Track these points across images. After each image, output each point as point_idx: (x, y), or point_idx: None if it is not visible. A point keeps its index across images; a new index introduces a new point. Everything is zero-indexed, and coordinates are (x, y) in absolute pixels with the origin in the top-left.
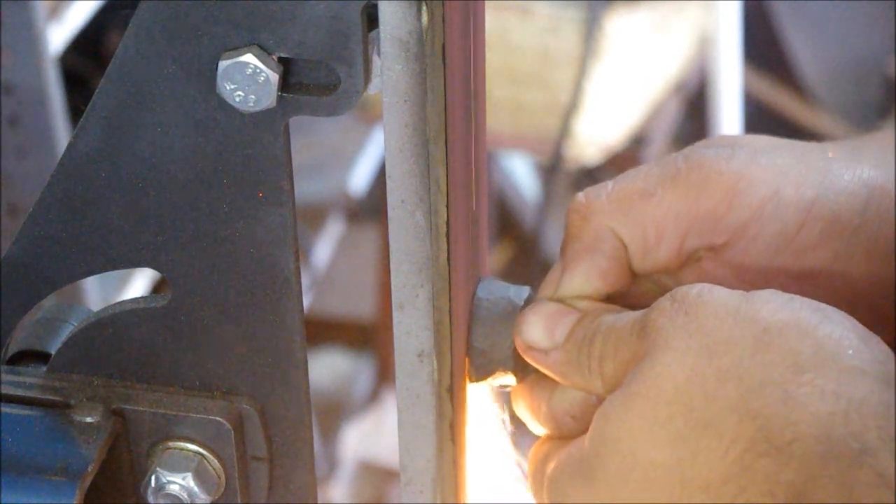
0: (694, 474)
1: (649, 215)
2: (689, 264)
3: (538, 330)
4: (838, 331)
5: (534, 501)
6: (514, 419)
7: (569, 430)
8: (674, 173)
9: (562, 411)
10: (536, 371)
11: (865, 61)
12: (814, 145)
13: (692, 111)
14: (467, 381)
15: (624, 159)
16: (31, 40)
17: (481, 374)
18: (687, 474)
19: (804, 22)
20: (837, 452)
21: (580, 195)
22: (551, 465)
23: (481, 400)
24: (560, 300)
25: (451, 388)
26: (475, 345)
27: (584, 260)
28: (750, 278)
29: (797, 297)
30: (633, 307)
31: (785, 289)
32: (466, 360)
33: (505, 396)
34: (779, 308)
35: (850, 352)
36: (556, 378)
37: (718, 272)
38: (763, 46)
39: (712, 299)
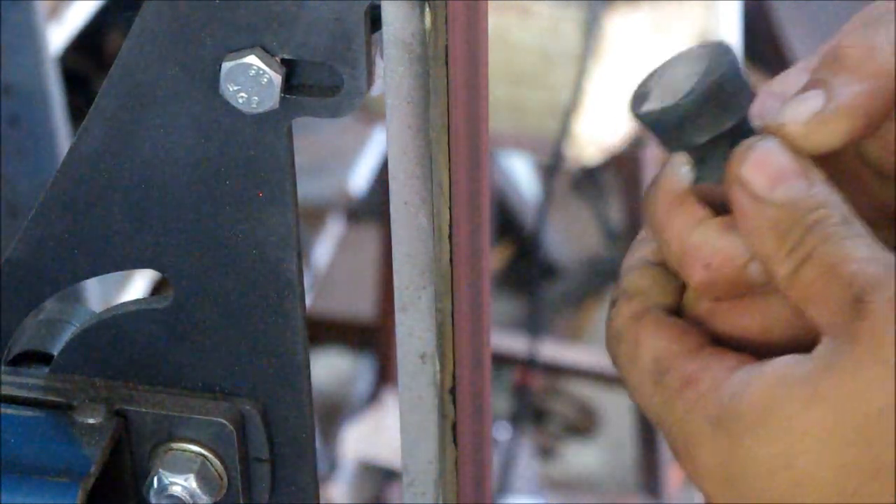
0: None
1: None
2: None
3: (761, 176)
4: None
5: None
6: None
7: (693, 275)
8: None
9: (711, 252)
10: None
11: None
12: None
13: None
14: (483, 380)
15: (624, 159)
16: (31, 40)
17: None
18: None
19: (804, 22)
20: None
21: (850, 36)
22: (678, 379)
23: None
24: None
25: (453, 389)
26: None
27: (868, 93)
28: None
29: None
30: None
31: None
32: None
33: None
34: None
35: None
36: (743, 227)
37: None
38: (763, 46)
39: None
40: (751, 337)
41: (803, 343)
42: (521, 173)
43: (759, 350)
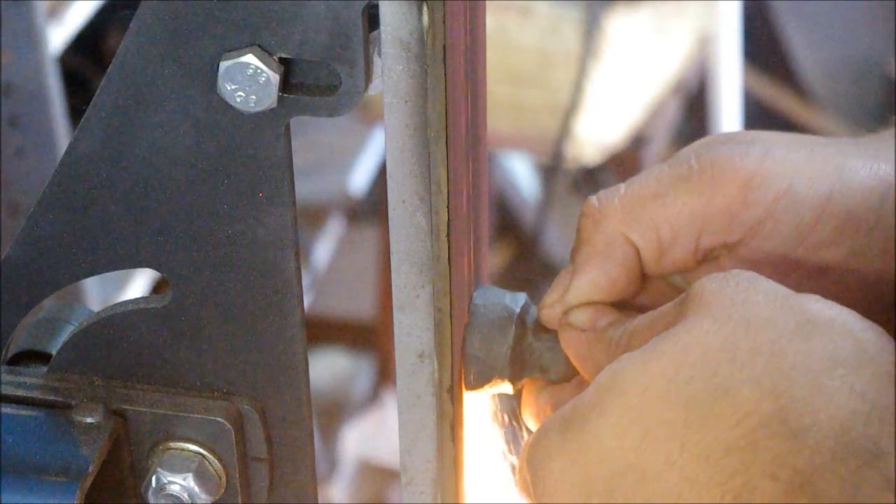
0: (698, 440)
1: (662, 217)
2: (706, 263)
3: (586, 314)
4: (882, 341)
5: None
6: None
7: None
8: (687, 173)
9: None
10: (533, 379)
11: (865, 61)
12: (829, 140)
13: (692, 111)
14: (463, 388)
15: (624, 159)
16: (31, 40)
17: (478, 381)
18: (690, 438)
19: (804, 22)
20: (851, 451)
21: (593, 199)
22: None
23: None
24: (568, 305)
25: (451, 388)
26: (471, 352)
27: (595, 266)
28: (766, 275)
29: (845, 307)
30: (643, 309)
31: (800, 285)
32: (461, 367)
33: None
34: (827, 306)
35: (888, 361)
36: (576, 361)
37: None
38: (763, 46)
39: (764, 281)
40: None
41: None
42: (521, 173)
43: None
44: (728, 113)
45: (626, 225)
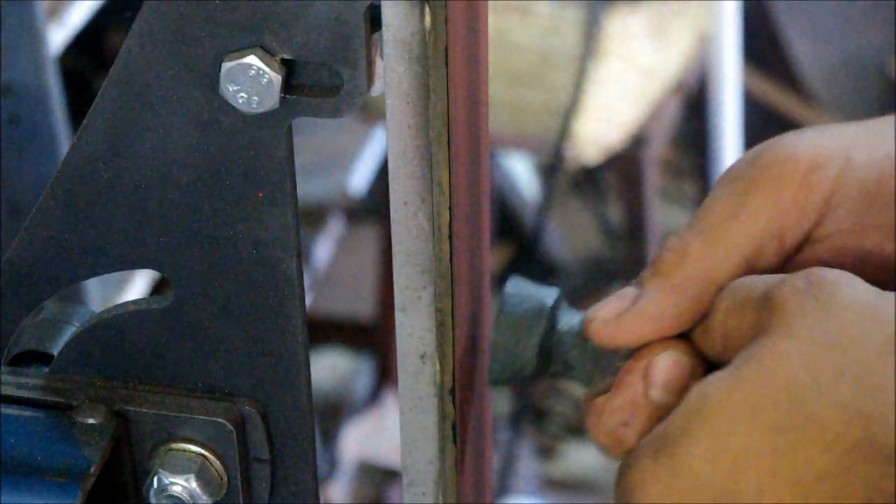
0: (788, 467)
1: (743, 234)
2: (796, 257)
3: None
4: None
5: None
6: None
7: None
8: (750, 182)
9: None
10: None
11: (865, 61)
12: (882, 118)
13: (692, 111)
14: (482, 381)
15: (624, 159)
16: (31, 40)
17: (502, 372)
18: (780, 466)
19: (804, 22)
20: None
21: (674, 238)
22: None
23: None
24: (624, 326)
25: (453, 389)
26: (499, 342)
27: (667, 299)
28: (848, 260)
29: None
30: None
31: (880, 247)
32: (484, 359)
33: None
34: None
35: None
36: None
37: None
38: (763, 46)
39: (849, 291)
40: None
41: None
42: (521, 173)
43: None
44: (728, 113)
45: (708, 257)
